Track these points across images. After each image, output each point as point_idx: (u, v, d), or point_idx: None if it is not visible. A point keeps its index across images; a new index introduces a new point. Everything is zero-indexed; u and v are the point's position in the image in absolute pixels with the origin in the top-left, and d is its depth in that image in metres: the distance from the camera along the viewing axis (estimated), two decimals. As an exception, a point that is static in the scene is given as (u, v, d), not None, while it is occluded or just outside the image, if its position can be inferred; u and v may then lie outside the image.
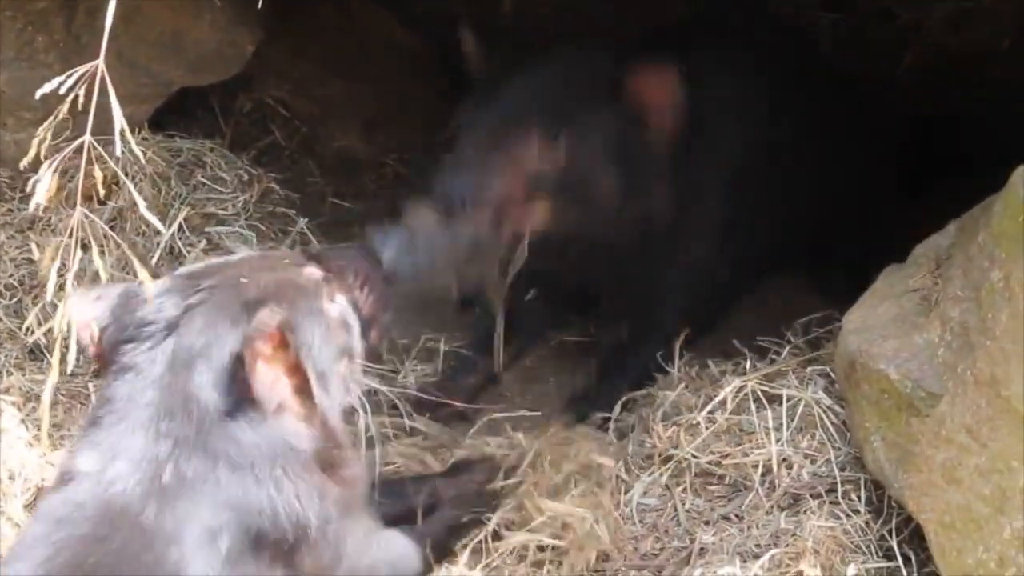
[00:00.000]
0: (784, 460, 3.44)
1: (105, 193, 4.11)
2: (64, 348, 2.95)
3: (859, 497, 3.30)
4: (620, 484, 3.56)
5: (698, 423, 3.58)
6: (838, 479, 3.35)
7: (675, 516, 3.46)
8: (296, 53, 5.35)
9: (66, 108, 3.05)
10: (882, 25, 4.91)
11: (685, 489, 3.50)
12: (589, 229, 3.87)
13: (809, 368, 3.65)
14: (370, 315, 3.23)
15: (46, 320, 3.58)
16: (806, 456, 3.43)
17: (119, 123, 3.00)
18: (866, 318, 3.33)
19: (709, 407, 3.60)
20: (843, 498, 3.31)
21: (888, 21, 4.90)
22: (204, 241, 4.44)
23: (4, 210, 4.41)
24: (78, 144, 3.10)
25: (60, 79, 3.01)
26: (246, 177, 4.77)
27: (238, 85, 5.12)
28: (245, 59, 4.79)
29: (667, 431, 3.60)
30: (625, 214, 3.89)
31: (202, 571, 2.75)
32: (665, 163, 3.90)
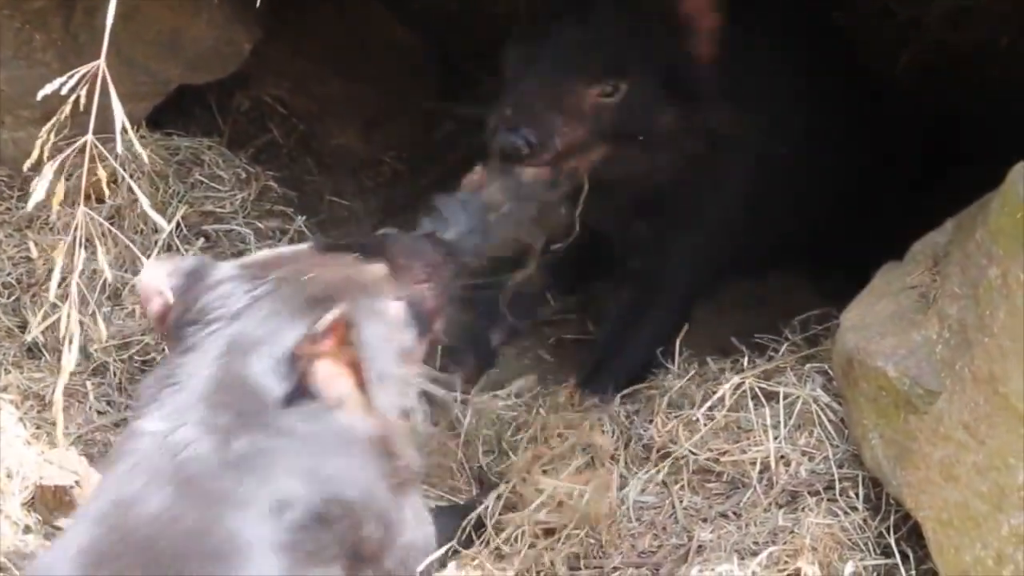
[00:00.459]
0: (782, 457, 3.44)
1: (106, 192, 4.11)
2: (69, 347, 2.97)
3: (857, 494, 3.30)
4: (617, 480, 3.56)
5: (696, 420, 3.58)
6: (836, 476, 3.35)
7: (673, 513, 3.46)
8: (294, 51, 5.35)
9: (68, 109, 3.06)
10: (881, 22, 4.90)
11: (683, 486, 3.50)
12: (647, 167, 3.91)
13: (807, 365, 3.65)
14: (432, 311, 3.27)
15: (45, 319, 3.59)
16: (804, 453, 3.43)
17: (120, 122, 3.01)
18: (864, 315, 3.33)
19: (708, 404, 3.60)
20: (841, 495, 3.31)
21: (887, 18, 4.90)
22: (202, 239, 4.44)
23: (2, 209, 4.41)
24: (81, 144, 3.11)
25: (61, 80, 3.02)
26: (244, 175, 4.77)
27: (236, 83, 5.12)
28: (243, 57, 4.79)
29: (665, 426, 3.60)
30: (678, 148, 3.92)
31: (267, 540, 2.79)
32: (713, 91, 3.90)
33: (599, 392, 3.94)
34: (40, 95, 3.09)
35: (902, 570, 3.10)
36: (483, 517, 3.53)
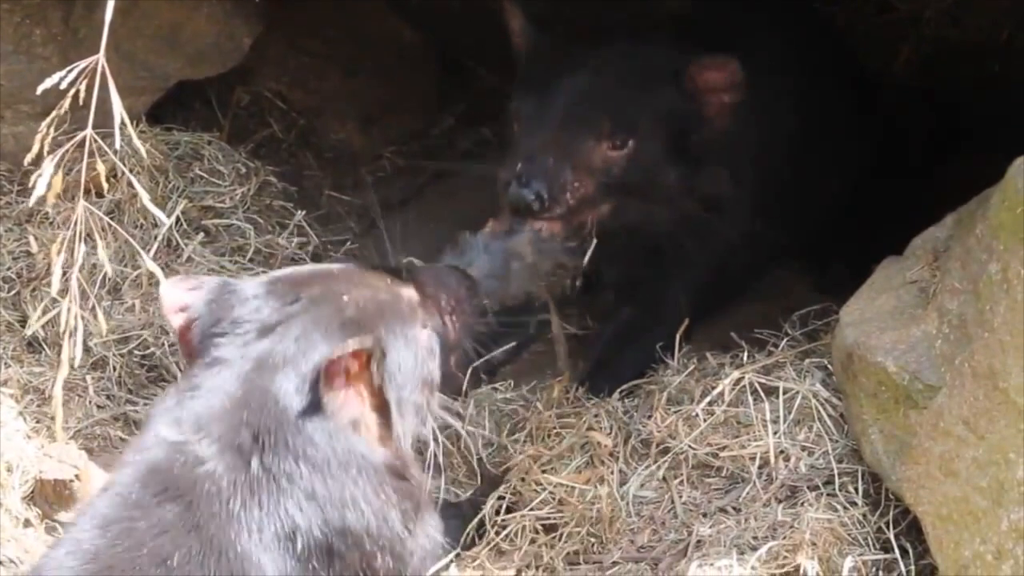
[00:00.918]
0: (781, 452, 3.44)
1: (105, 187, 4.12)
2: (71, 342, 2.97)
3: (856, 489, 3.30)
4: (617, 475, 3.56)
5: (696, 415, 3.58)
6: (835, 471, 3.35)
7: (672, 508, 3.46)
8: (294, 46, 5.35)
9: (68, 103, 3.05)
10: (880, 17, 4.90)
11: (682, 481, 3.50)
12: (647, 220, 3.98)
13: (807, 360, 3.65)
14: (455, 341, 3.30)
15: (44, 312, 3.59)
16: (803, 448, 3.43)
17: (119, 117, 3.01)
18: (864, 310, 3.33)
19: (707, 399, 3.60)
20: (840, 490, 3.31)
21: (887, 13, 4.90)
22: (202, 234, 4.44)
23: (2, 203, 4.42)
24: (80, 138, 3.10)
25: (61, 74, 3.01)
26: (244, 170, 4.77)
27: (236, 78, 5.13)
28: (243, 52, 4.79)
29: (664, 421, 3.60)
30: (677, 206, 3.99)
31: (279, 567, 2.82)
32: (719, 152, 3.98)
33: (597, 393, 3.93)
34: (40, 89, 3.09)
35: (901, 565, 3.10)
36: (484, 517, 3.53)
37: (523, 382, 4.08)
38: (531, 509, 3.49)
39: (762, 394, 3.56)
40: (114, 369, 3.98)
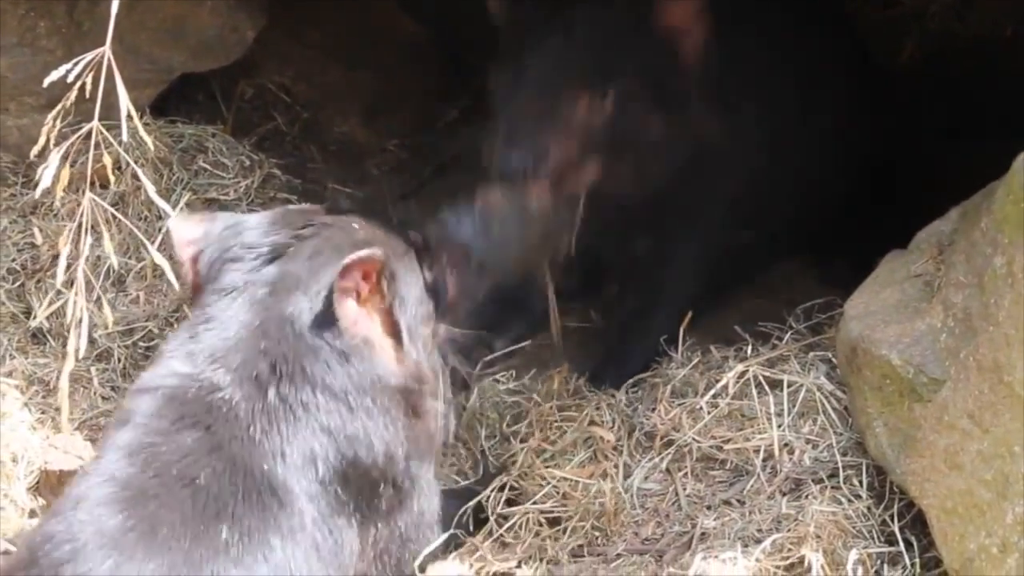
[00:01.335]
0: (786, 445, 3.44)
1: (111, 179, 4.12)
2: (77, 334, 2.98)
3: (861, 482, 3.30)
4: (622, 467, 3.56)
5: (700, 408, 3.58)
6: (840, 464, 3.35)
7: (676, 501, 3.46)
8: (297, 39, 5.35)
9: (74, 96, 3.06)
10: (885, 12, 4.90)
11: (686, 474, 3.50)
12: (639, 178, 3.91)
13: (811, 353, 3.65)
14: (452, 300, 3.35)
15: (51, 305, 3.60)
16: (808, 441, 3.43)
17: (125, 109, 3.01)
18: (868, 304, 3.33)
19: (711, 392, 3.60)
20: (845, 483, 3.31)
21: (891, 8, 4.90)
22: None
23: (7, 195, 4.42)
24: (87, 130, 3.11)
25: (67, 66, 3.02)
26: (248, 163, 4.77)
27: (240, 71, 5.12)
28: (246, 45, 4.79)
29: (668, 414, 3.60)
30: (667, 157, 3.92)
31: (304, 488, 2.88)
32: (704, 95, 3.91)
33: (601, 386, 3.93)
34: (46, 82, 3.10)
35: (906, 558, 3.10)
36: (486, 508, 3.54)
37: (525, 373, 4.07)
38: (534, 503, 3.49)
39: (766, 387, 3.57)
40: (119, 361, 3.99)
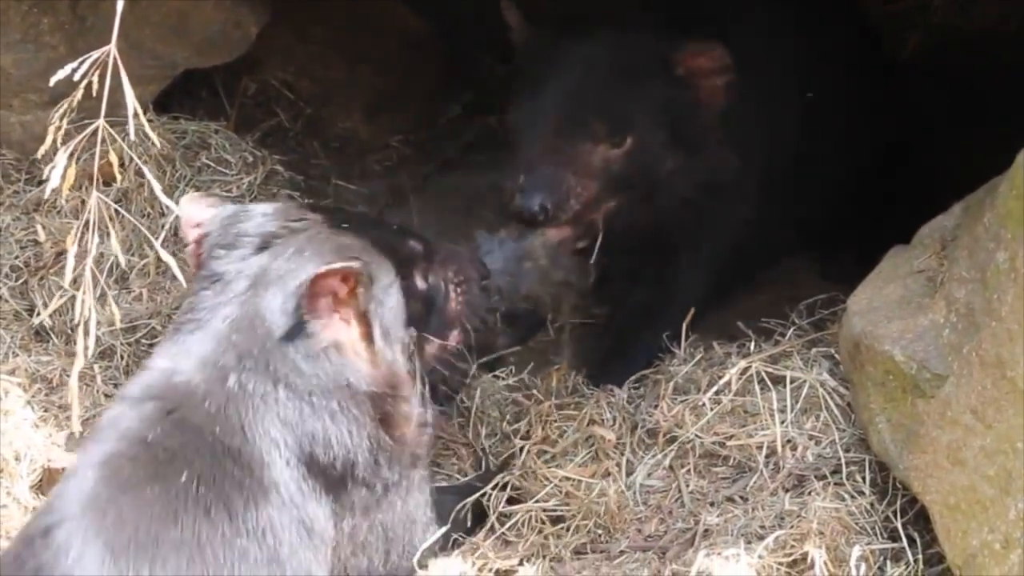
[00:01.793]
0: (789, 441, 3.44)
1: (118, 177, 4.12)
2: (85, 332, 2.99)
3: (864, 478, 3.30)
4: (624, 464, 3.56)
5: (702, 404, 3.58)
6: (843, 460, 3.35)
7: (679, 498, 3.46)
8: (301, 35, 5.35)
9: (80, 94, 3.06)
10: (889, 6, 4.89)
11: (689, 471, 3.50)
12: (652, 212, 3.98)
13: (814, 349, 3.65)
14: (455, 314, 3.36)
15: (56, 301, 3.60)
16: (811, 437, 3.43)
17: (132, 107, 3.02)
18: (871, 299, 3.33)
19: (714, 388, 3.60)
20: (848, 479, 3.31)
21: (895, 2, 4.89)
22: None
23: (10, 192, 4.41)
24: (93, 128, 3.11)
25: (73, 65, 3.02)
26: (251, 159, 4.76)
27: (243, 67, 5.12)
28: (250, 41, 4.78)
29: (671, 411, 3.60)
30: (680, 193, 3.99)
31: (283, 459, 2.93)
32: (718, 133, 3.98)
33: (604, 382, 3.93)
34: (52, 81, 3.10)
35: (909, 554, 3.10)
36: (486, 507, 3.54)
37: (524, 369, 4.07)
38: (537, 501, 3.49)
39: (769, 383, 3.57)
40: (122, 358, 3.99)
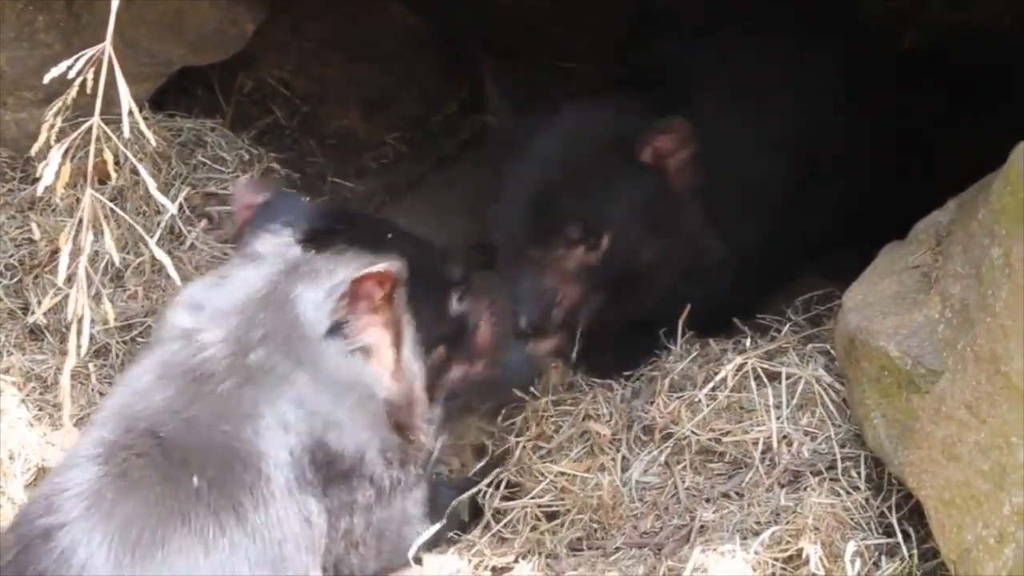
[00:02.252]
0: (784, 437, 3.44)
1: (113, 175, 4.12)
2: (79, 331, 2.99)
3: (859, 474, 3.31)
4: (620, 461, 3.56)
5: (698, 400, 3.58)
6: (838, 456, 3.36)
7: (675, 494, 3.46)
8: (296, 33, 5.35)
9: (75, 92, 3.06)
10: (884, 3, 4.88)
11: (685, 467, 3.51)
12: (641, 296, 3.95)
13: (809, 345, 3.65)
14: (485, 344, 3.42)
15: (50, 300, 3.60)
16: (806, 433, 3.44)
17: (127, 105, 3.01)
18: (866, 295, 3.33)
19: (710, 385, 3.60)
20: (843, 475, 3.32)
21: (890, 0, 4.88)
22: (205, 221, 4.44)
23: (5, 190, 4.41)
24: (88, 126, 3.11)
25: (68, 63, 3.02)
26: (247, 157, 4.77)
27: (239, 65, 5.12)
28: (246, 39, 4.78)
29: (667, 407, 3.60)
30: (664, 273, 3.96)
31: (276, 451, 2.91)
32: (696, 215, 3.96)
33: (603, 378, 3.93)
34: (47, 78, 3.09)
35: (904, 549, 3.11)
36: (481, 504, 3.54)
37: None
38: (532, 497, 3.49)
39: (765, 379, 3.57)
40: (116, 356, 3.98)
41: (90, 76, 3.08)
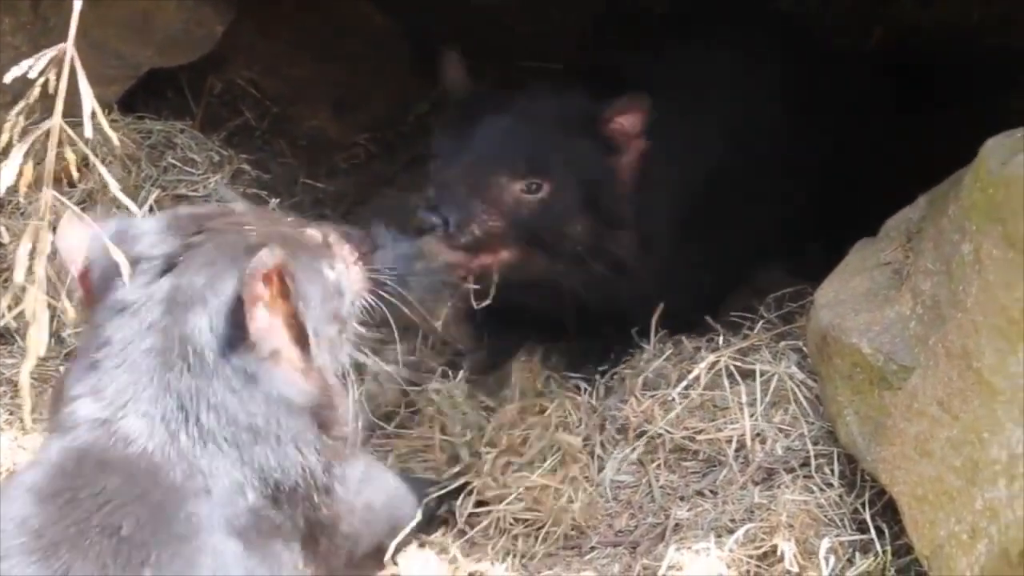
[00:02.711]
0: (758, 435, 3.45)
1: (75, 176, 4.09)
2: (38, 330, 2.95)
3: (832, 471, 3.32)
4: (594, 461, 3.56)
5: (672, 399, 3.59)
6: (811, 453, 3.37)
7: (649, 492, 3.47)
8: (265, 34, 5.32)
9: (37, 92, 3.02)
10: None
11: (659, 465, 3.51)
12: (550, 273, 3.88)
13: (782, 343, 3.67)
14: (358, 291, 3.21)
15: (17, 303, 3.56)
16: (780, 431, 3.45)
17: (88, 105, 2.98)
18: (838, 292, 3.34)
19: (683, 383, 3.60)
20: (816, 472, 3.33)
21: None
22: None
23: (-29, 194, 4.38)
24: (47, 128, 3.08)
25: (29, 62, 2.98)
26: (217, 158, 4.74)
27: (208, 66, 5.09)
28: (214, 40, 4.76)
29: (641, 406, 3.61)
30: (586, 266, 3.90)
31: (230, 523, 2.77)
32: (631, 198, 3.93)
33: (584, 380, 3.92)
34: (8, 78, 3.06)
35: (877, 545, 3.12)
36: (454, 510, 3.52)
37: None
38: (508, 504, 3.47)
39: (738, 377, 3.58)
40: (87, 360, 3.95)
41: (52, 76, 3.05)
